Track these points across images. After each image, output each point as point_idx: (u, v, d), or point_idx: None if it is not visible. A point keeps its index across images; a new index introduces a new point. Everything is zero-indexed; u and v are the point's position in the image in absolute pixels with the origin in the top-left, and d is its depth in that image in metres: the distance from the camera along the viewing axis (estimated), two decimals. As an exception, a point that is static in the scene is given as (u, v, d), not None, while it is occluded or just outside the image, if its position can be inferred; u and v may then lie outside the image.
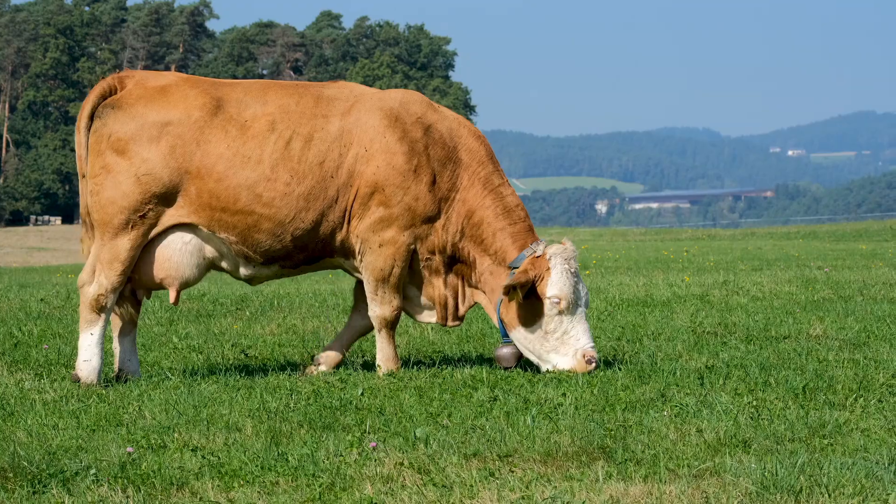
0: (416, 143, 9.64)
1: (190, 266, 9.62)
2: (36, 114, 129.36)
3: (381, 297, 9.72)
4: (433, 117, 9.83)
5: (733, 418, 7.60)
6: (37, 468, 6.52)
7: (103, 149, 9.48)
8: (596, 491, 6.07)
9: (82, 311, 9.52)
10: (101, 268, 9.47)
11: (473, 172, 9.84)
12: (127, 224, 9.42)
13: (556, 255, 9.59)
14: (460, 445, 6.98)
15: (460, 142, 9.86)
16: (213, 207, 9.45)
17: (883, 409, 7.95)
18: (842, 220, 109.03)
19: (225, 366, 10.54)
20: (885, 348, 10.74)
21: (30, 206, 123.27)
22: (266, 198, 9.44)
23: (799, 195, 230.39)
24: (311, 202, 9.50)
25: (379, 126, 9.60)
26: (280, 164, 9.45)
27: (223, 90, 9.67)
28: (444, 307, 9.91)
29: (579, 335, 9.52)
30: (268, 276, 9.85)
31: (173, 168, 9.42)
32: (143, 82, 9.67)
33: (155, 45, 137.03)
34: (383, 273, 9.66)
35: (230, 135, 9.47)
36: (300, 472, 6.48)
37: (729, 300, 15.50)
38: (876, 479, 6.14)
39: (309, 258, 9.76)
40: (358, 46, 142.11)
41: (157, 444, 7.21)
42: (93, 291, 9.47)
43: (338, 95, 9.78)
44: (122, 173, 9.41)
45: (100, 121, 9.53)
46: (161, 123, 9.45)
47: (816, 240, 48.61)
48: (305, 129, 9.54)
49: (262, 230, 9.51)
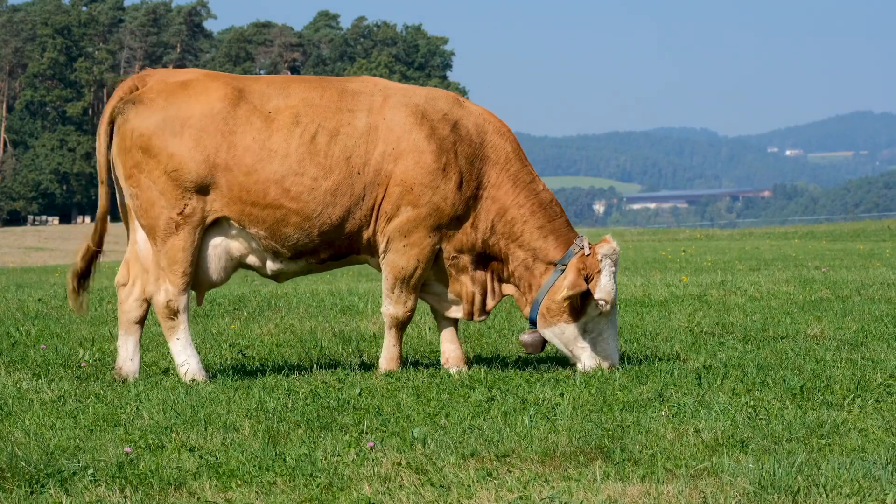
0: (444, 141, 9.52)
1: (217, 270, 9.60)
2: (33, 114, 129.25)
3: (396, 296, 9.65)
4: (459, 113, 9.69)
5: (731, 418, 7.60)
6: (34, 468, 6.52)
7: (129, 146, 9.43)
8: (594, 491, 6.06)
9: (161, 321, 9.56)
10: (163, 274, 9.45)
11: (502, 169, 9.70)
12: (171, 224, 9.37)
13: (606, 257, 9.51)
14: (458, 445, 6.98)
15: (487, 138, 9.72)
16: (244, 201, 9.40)
17: (880, 409, 7.95)
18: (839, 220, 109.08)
19: (223, 366, 10.54)
20: (883, 348, 10.75)
21: (27, 206, 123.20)
22: (294, 192, 9.37)
23: (796, 195, 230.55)
24: (338, 198, 9.41)
25: (406, 124, 9.49)
26: (307, 158, 9.37)
27: (245, 82, 9.62)
28: (470, 303, 9.81)
29: (610, 340, 9.61)
30: (295, 272, 9.75)
31: (200, 161, 9.35)
32: (165, 78, 9.61)
33: (152, 45, 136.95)
34: (404, 272, 9.58)
35: (255, 126, 9.40)
36: (298, 472, 6.48)
37: (727, 300, 15.50)
38: (873, 479, 6.14)
39: (336, 255, 9.68)
40: (355, 46, 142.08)
41: (155, 444, 7.20)
42: (162, 300, 9.47)
43: (362, 89, 9.65)
44: (154, 172, 9.36)
45: (122, 117, 9.47)
46: (183, 116, 9.38)
47: (814, 240, 48.63)
48: (331, 123, 9.45)
49: (291, 224, 9.43)
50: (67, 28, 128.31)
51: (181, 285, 9.45)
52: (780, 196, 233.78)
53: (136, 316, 9.70)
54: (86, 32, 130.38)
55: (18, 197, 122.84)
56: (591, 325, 9.57)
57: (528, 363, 10.29)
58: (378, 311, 14.78)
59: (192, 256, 9.45)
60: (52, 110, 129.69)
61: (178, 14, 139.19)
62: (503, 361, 10.42)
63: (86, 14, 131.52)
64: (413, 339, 12.20)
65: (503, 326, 12.79)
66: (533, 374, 9.47)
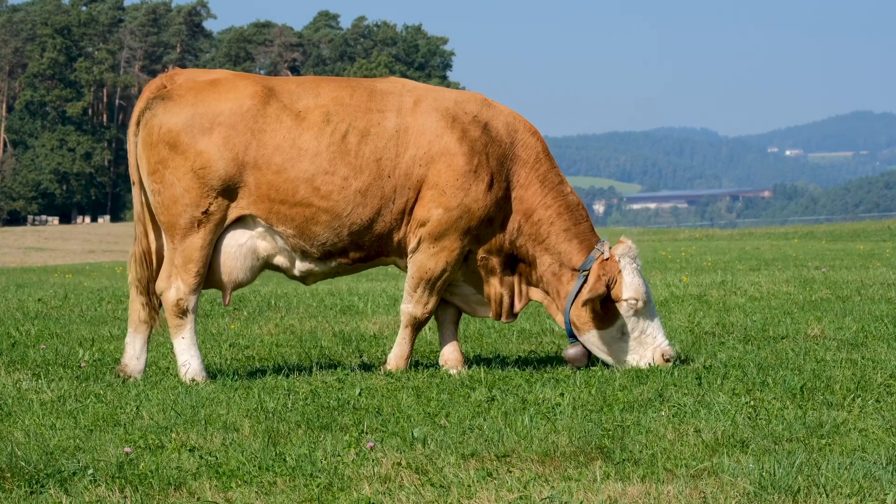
0: (475, 143, 9.47)
1: (243, 269, 9.56)
2: (33, 114, 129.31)
3: (418, 296, 9.59)
4: (489, 114, 9.65)
5: (731, 418, 7.60)
6: (34, 468, 6.52)
7: (156, 141, 9.38)
8: (594, 491, 6.06)
9: (168, 318, 9.51)
10: (177, 272, 9.42)
11: (531, 170, 9.66)
12: (193, 223, 9.34)
13: (624, 256, 9.46)
14: (458, 445, 6.98)
15: (517, 137, 9.68)
16: (272, 199, 9.35)
17: (881, 408, 7.95)
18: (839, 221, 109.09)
19: (223, 366, 10.54)
20: (883, 348, 10.74)
21: (27, 206, 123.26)
22: (324, 191, 9.33)
23: (797, 195, 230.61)
24: (368, 198, 9.37)
25: (437, 128, 9.45)
26: (338, 157, 9.33)
27: (274, 82, 9.60)
28: (499, 304, 9.77)
29: (655, 333, 9.52)
30: (323, 274, 9.69)
31: (228, 159, 9.32)
32: (194, 77, 9.59)
33: (152, 45, 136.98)
34: (431, 274, 9.52)
35: (285, 125, 9.37)
36: (298, 473, 6.47)
37: (727, 300, 15.50)
38: (874, 479, 6.14)
39: (366, 256, 9.61)
40: (355, 46, 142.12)
41: (155, 444, 7.20)
42: (172, 297, 9.43)
43: (391, 90, 9.61)
44: (180, 168, 9.32)
45: (150, 112, 9.43)
46: (212, 114, 9.34)
47: (814, 240, 48.61)
48: (361, 123, 9.41)
49: (320, 223, 9.38)
50: (67, 28, 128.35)
51: (193, 285, 9.43)
52: (780, 196, 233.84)
53: (145, 315, 9.68)
54: (86, 32, 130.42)
55: (18, 197, 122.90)
56: (631, 326, 9.49)
57: (528, 363, 10.29)
58: (378, 311, 14.79)
59: (208, 257, 9.42)
60: (52, 110, 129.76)
61: (178, 14, 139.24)
62: (503, 361, 10.41)
63: (86, 14, 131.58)
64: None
65: (503, 326, 12.79)
66: (533, 374, 9.47)
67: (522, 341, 11.92)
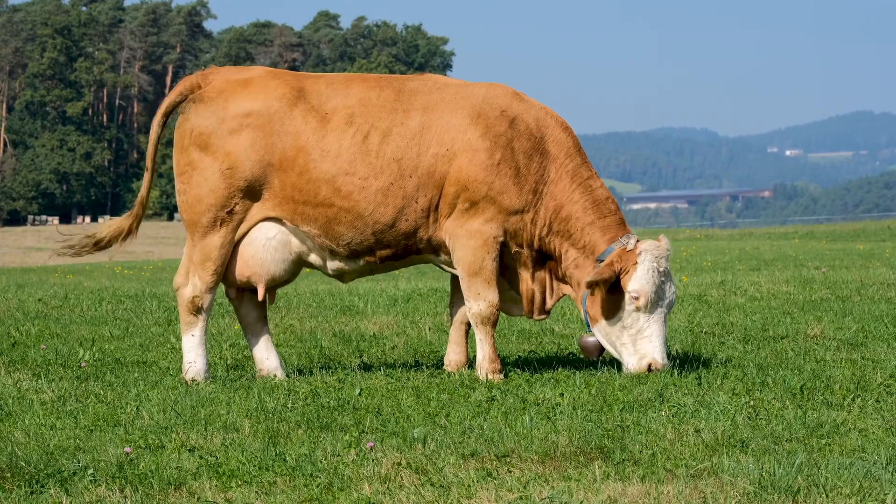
0: (499, 138, 9.45)
1: (276, 262, 9.57)
2: (33, 114, 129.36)
3: (474, 293, 9.51)
4: (518, 108, 9.62)
5: (731, 418, 7.60)
6: (34, 468, 6.52)
7: (187, 144, 9.49)
8: (594, 491, 6.07)
9: (181, 314, 9.56)
10: (195, 269, 9.49)
11: (561, 165, 9.63)
12: (215, 222, 9.41)
13: (646, 251, 9.40)
14: (458, 445, 6.98)
15: (548, 132, 9.65)
16: (296, 200, 9.40)
17: (880, 408, 7.95)
18: (839, 221, 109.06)
19: (223, 366, 10.54)
20: (883, 348, 10.75)
21: (27, 206, 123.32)
22: (345, 191, 9.37)
23: (797, 195, 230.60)
24: (389, 198, 9.38)
25: (460, 125, 9.44)
26: (358, 158, 9.36)
27: (306, 82, 9.62)
28: (530, 301, 9.74)
29: (653, 338, 9.36)
30: (356, 272, 9.71)
31: (255, 160, 9.39)
32: (227, 77, 9.64)
33: (152, 46, 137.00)
34: (473, 267, 9.46)
35: (310, 126, 9.41)
36: (298, 472, 6.48)
37: (726, 300, 15.50)
38: (874, 479, 6.15)
39: (395, 255, 9.61)
40: (356, 46, 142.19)
41: (155, 444, 7.20)
42: (188, 293, 9.49)
43: (420, 88, 9.62)
44: (207, 169, 9.40)
45: (182, 116, 9.55)
46: (241, 115, 9.41)
47: (814, 240, 48.62)
48: (384, 123, 9.43)
49: (343, 223, 9.42)
50: (67, 28, 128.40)
51: (210, 283, 9.48)
52: (780, 196, 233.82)
53: (255, 316, 9.77)
54: (86, 32, 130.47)
55: (18, 197, 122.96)
56: (630, 321, 9.41)
57: (528, 363, 10.29)
58: (378, 311, 14.79)
59: (226, 256, 9.48)
60: (52, 110, 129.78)
61: (178, 14, 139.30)
62: (503, 361, 10.41)
63: (86, 14, 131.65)
64: (413, 339, 12.20)
65: (503, 326, 12.79)
66: (533, 374, 9.47)
67: (522, 341, 11.93)
